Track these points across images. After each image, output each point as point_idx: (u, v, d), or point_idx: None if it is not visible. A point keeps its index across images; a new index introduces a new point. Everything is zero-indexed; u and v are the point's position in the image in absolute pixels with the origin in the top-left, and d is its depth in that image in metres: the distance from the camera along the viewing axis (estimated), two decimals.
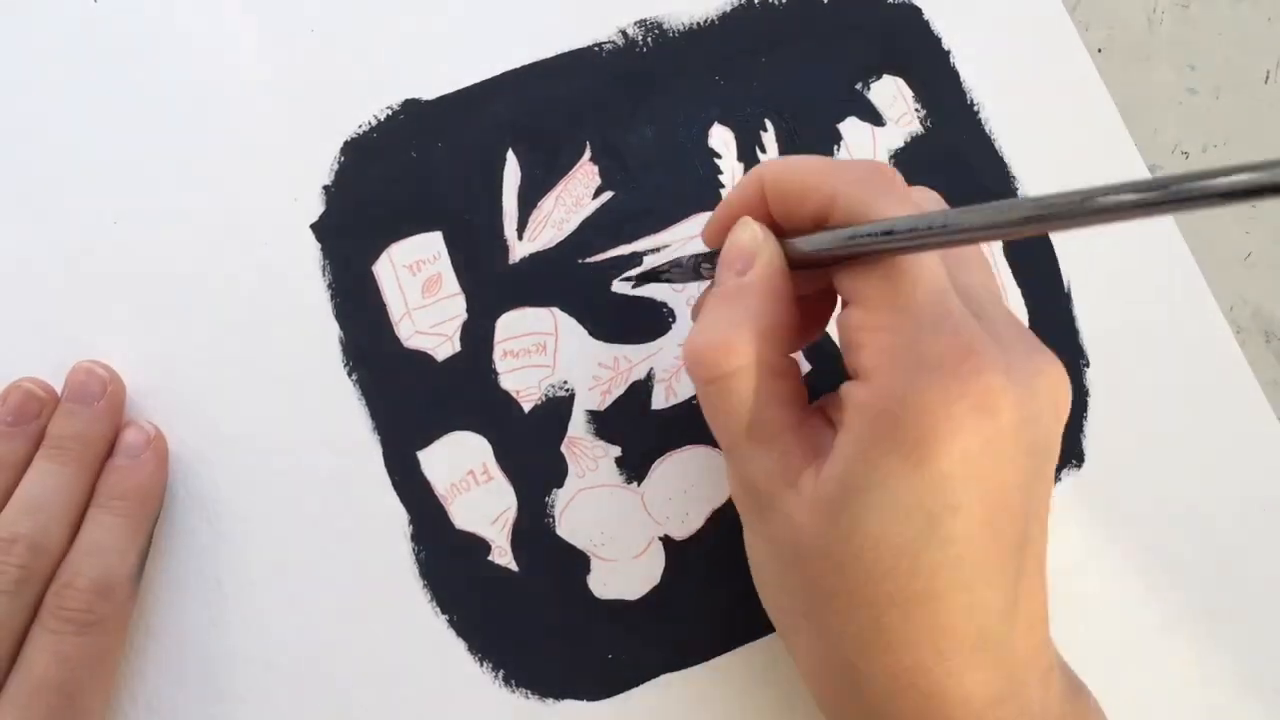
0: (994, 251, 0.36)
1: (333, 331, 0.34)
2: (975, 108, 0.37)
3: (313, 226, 0.35)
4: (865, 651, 0.25)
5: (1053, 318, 0.36)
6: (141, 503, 0.31)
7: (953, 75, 0.37)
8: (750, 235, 0.28)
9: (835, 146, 0.37)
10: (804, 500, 0.25)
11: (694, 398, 0.34)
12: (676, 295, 0.35)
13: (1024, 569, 0.25)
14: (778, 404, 0.26)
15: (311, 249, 0.35)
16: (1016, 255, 0.36)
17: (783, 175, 0.27)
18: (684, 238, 0.35)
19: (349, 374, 0.34)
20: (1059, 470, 0.35)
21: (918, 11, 0.38)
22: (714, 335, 0.26)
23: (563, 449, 0.34)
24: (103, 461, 0.32)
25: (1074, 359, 0.36)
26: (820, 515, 0.25)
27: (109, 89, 0.35)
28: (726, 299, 0.27)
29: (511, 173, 0.36)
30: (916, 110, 0.37)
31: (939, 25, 0.38)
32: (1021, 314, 0.36)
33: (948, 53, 0.38)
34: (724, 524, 0.34)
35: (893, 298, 0.25)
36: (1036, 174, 0.37)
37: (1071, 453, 0.35)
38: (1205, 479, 0.35)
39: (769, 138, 0.37)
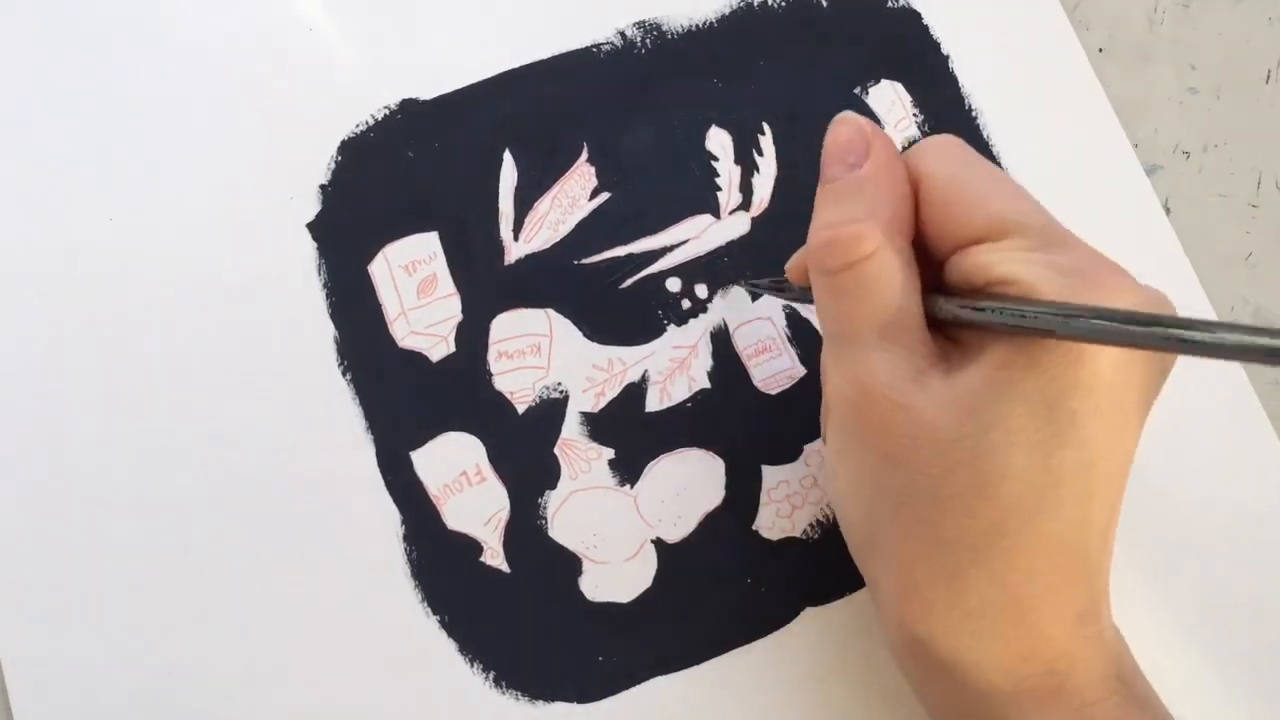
0: None
1: (328, 331, 0.34)
2: (973, 113, 0.37)
3: (309, 226, 0.35)
4: (978, 557, 0.24)
5: None
6: None
7: (951, 80, 0.37)
8: (855, 128, 0.27)
9: None
10: (935, 395, 0.24)
11: (689, 400, 0.34)
12: (672, 299, 0.35)
13: (1120, 493, 0.25)
14: (911, 297, 0.26)
15: (307, 248, 0.35)
16: None
17: (958, 180, 0.26)
18: (680, 239, 0.35)
19: (343, 373, 0.34)
20: None
21: (917, 16, 0.38)
22: (843, 223, 0.25)
23: (556, 451, 0.34)
24: None
25: None
26: (957, 408, 0.24)
27: (106, 86, 0.35)
28: (847, 191, 0.26)
29: (508, 173, 0.36)
30: (914, 115, 0.37)
31: (938, 29, 0.38)
32: None
33: (946, 57, 0.37)
34: (717, 527, 0.34)
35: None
36: (1032, 180, 0.37)
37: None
38: (1200, 486, 0.35)
39: (766, 141, 0.37)
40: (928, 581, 0.25)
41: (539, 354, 0.34)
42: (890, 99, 0.37)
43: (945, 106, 0.37)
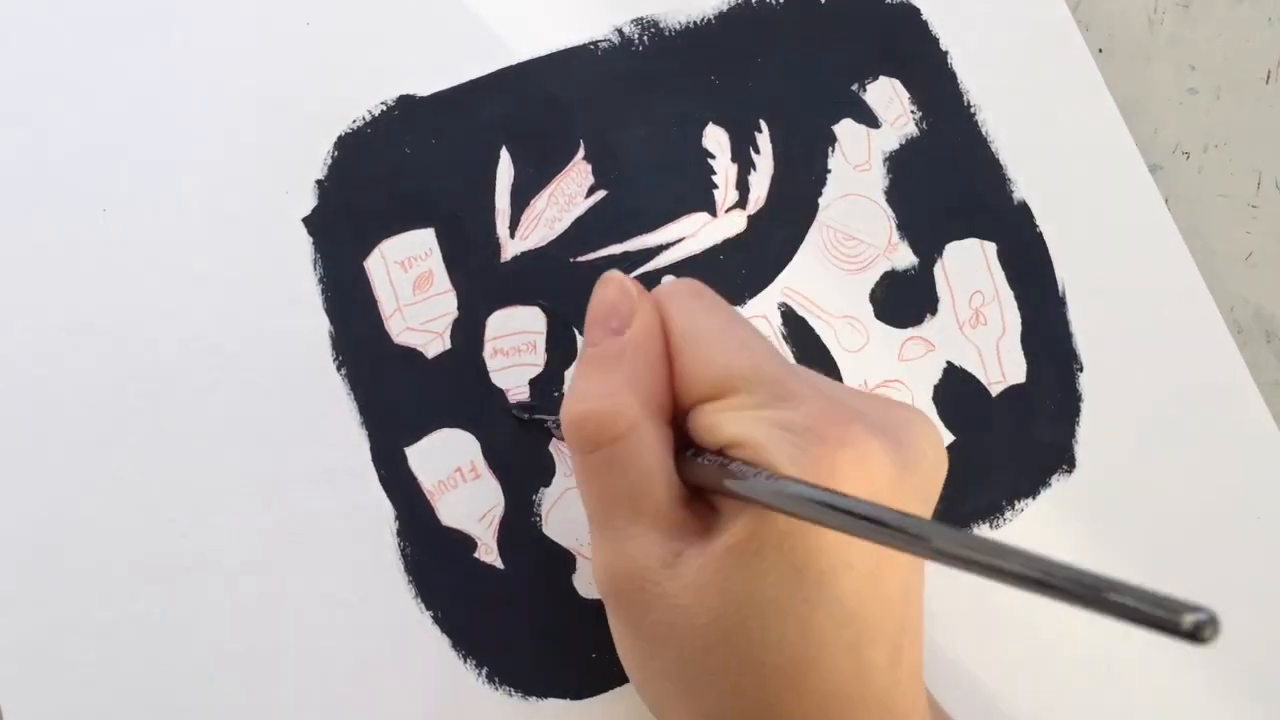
0: (989, 255, 0.36)
1: (323, 326, 0.34)
2: (972, 109, 0.37)
3: (305, 220, 0.35)
4: None
5: (1047, 323, 0.36)
6: None
7: (950, 76, 0.37)
8: (620, 289, 0.26)
9: (830, 148, 0.37)
10: (689, 577, 0.24)
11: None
12: None
13: (907, 622, 0.25)
14: (666, 474, 0.25)
15: (303, 243, 0.35)
16: (1010, 259, 0.36)
17: (688, 334, 0.26)
18: (676, 237, 0.35)
19: (338, 369, 0.34)
20: (1050, 475, 0.35)
21: (916, 11, 0.38)
22: (598, 398, 0.25)
23: (551, 448, 0.34)
24: None
25: (1067, 364, 0.36)
26: (709, 589, 0.24)
27: (101, 79, 0.35)
28: (605, 361, 0.26)
29: (505, 170, 0.36)
30: (913, 112, 0.37)
31: (937, 25, 0.38)
32: (1015, 318, 0.36)
33: (945, 53, 0.37)
34: None
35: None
36: (1034, 179, 0.37)
37: (1063, 458, 0.35)
38: (1200, 485, 0.35)
39: (763, 139, 0.36)
40: None
41: (534, 351, 0.34)
42: (888, 96, 0.37)
43: (944, 103, 0.37)
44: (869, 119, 0.37)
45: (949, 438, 0.35)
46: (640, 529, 0.25)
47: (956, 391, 0.35)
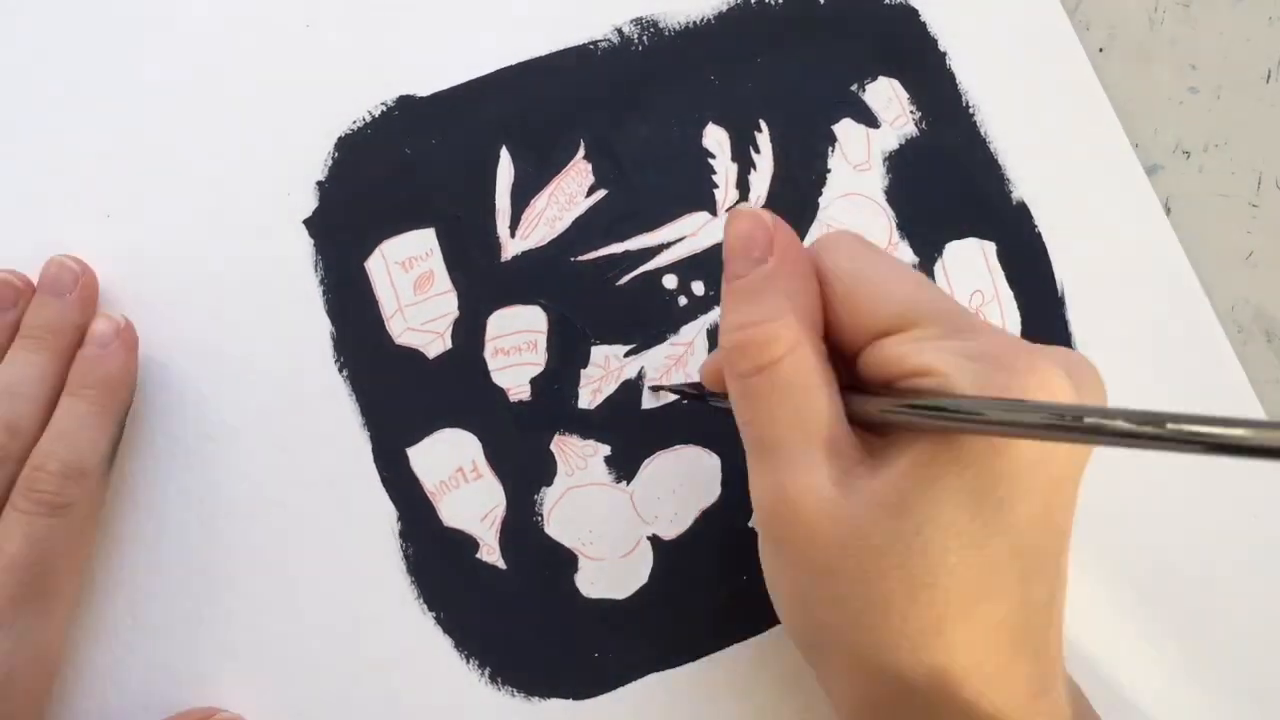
0: (988, 255, 0.36)
1: (324, 327, 0.34)
2: (971, 109, 0.37)
3: (306, 222, 0.35)
4: (920, 653, 0.24)
5: (1046, 321, 0.36)
6: (111, 391, 0.32)
7: (949, 76, 0.37)
8: (754, 220, 0.26)
9: (830, 148, 0.37)
10: (863, 497, 0.24)
11: (683, 399, 0.34)
12: (668, 296, 0.35)
13: (1061, 569, 0.25)
14: (828, 396, 0.25)
15: (304, 244, 0.35)
16: (1009, 259, 0.36)
17: (862, 274, 0.26)
18: (676, 236, 0.35)
19: (340, 370, 0.34)
20: None
21: (914, 12, 0.38)
22: (755, 324, 0.25)
23: (552, 447, 0.34)
24: (74, 349, 0.32)
25: None
26: (885, 510, 0.24)
27: (103, 82, 0.35)
28: (755, 288, 0.26)
29: (505, 170, 0.36)
30: (912, 112, 0.37)
31: (935, 26, 0.38)
32: (1014, 318, 0.36)
33: (944, 54, 0.37)
34: (713, 524, 0.34)
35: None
36: (1033, 178, 0.37)
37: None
38: (1197, 484, 0.35)
39: (763, 138, 0.37)
40: (873, 681, 0.25)
41: (535, 350, 0.34)
42: (887, 96, 0.37)
43: (942, 103, 0.37)
44: (869, 119, 0.37)
45: None
46: (809, 450, 0.24)
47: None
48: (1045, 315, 0.36)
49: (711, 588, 0.33)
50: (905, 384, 0.24)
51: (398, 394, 0.34)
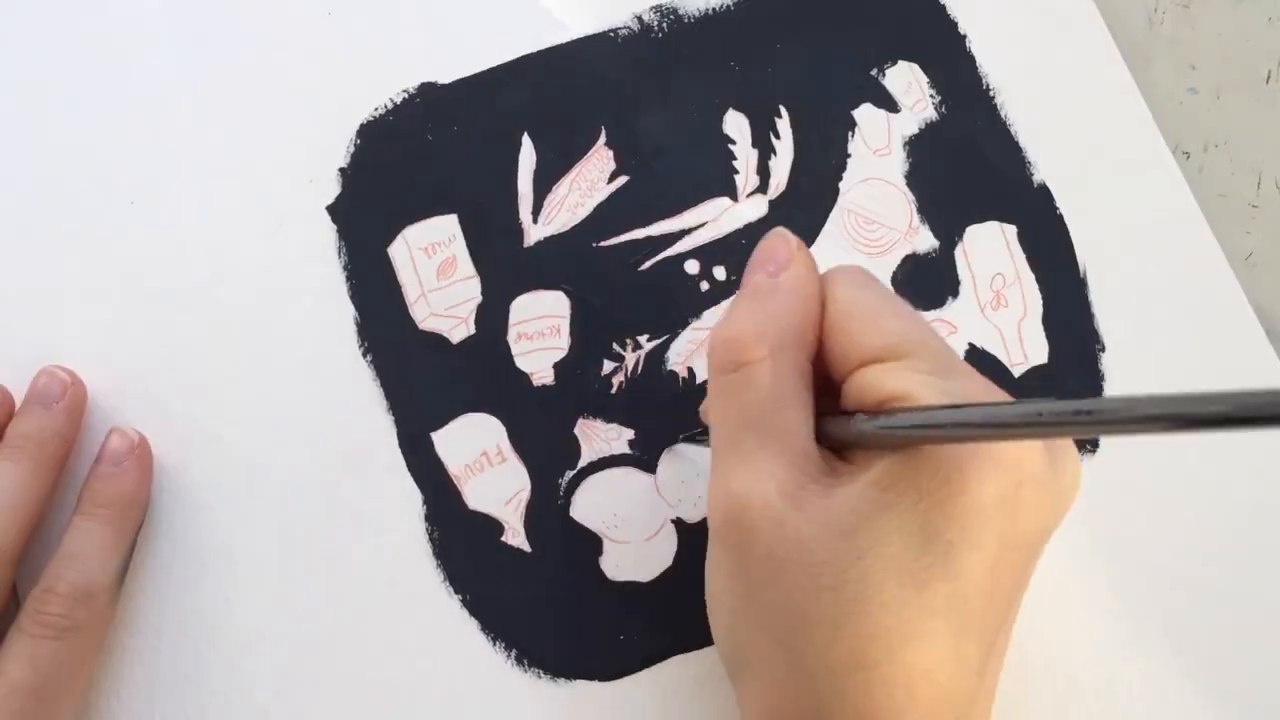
0: (1009, 238, 0.36)
1: (348, 313, 0.34)
2: (991, 93, 0.37)
3: (328, 208, 0.35)
4: (838, 687, 0.24)
5: (1068, 303, 0.36)
6: (124, 510, 0.31)
7: (969, 60, 0.37)
8: (781, 240, 0.27)
9: (850, 133, 0.37)
10: (810, 513, 0.24)
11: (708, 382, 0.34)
12: (691, 281, 0.35)
13: (1000, 634, 0.25)
14: (799, 408, 0.25)
15: (327, 231, 0.35)
16: (1031, 241, 0.36)
17: (858, 305, 0.27)
18: (698, 222, 0.36)
19: (364, 355, 0.34)
20: None
21: (942, 8, 0.38)
22: (742, 324, 0.26)
23: (576, 431, 0.34)
24: (61, 461, 0.32)
25: (1089, 345, 0.36)
26: (831, 529, 0.23)
27: (126, 71, 0.36)
28: (757, 296, 0.27)
29: (527, 157, 0.36)
30: (932, 96, 0.37)
31: (955, 8, 0.38)
32: (1035, 300, 0.36)
33: (964, 37, 0.37)
34: None
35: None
36: (1053, 161, 0.37)
37: (1086, 439, 0.35)
38: (1224, 464, 0.35)
39: (783, 124, 0.37)
40: (788, 709, 0.25)
41: (558, 335, 0.35)
42: (907, 80, 0.37)
43: (963, 87, 0.37)
44: (888, 103, 0.37)
45: None
46: (768, 454, 0.25)
47: (980, 373, 0.35)
48: (1067, 296, 0.36)
49: None
50: (880, 407, 0.24)
51: (422, 379, 0.34)
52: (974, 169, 0.37)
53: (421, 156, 0.36)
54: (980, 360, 0.35)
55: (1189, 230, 0.36)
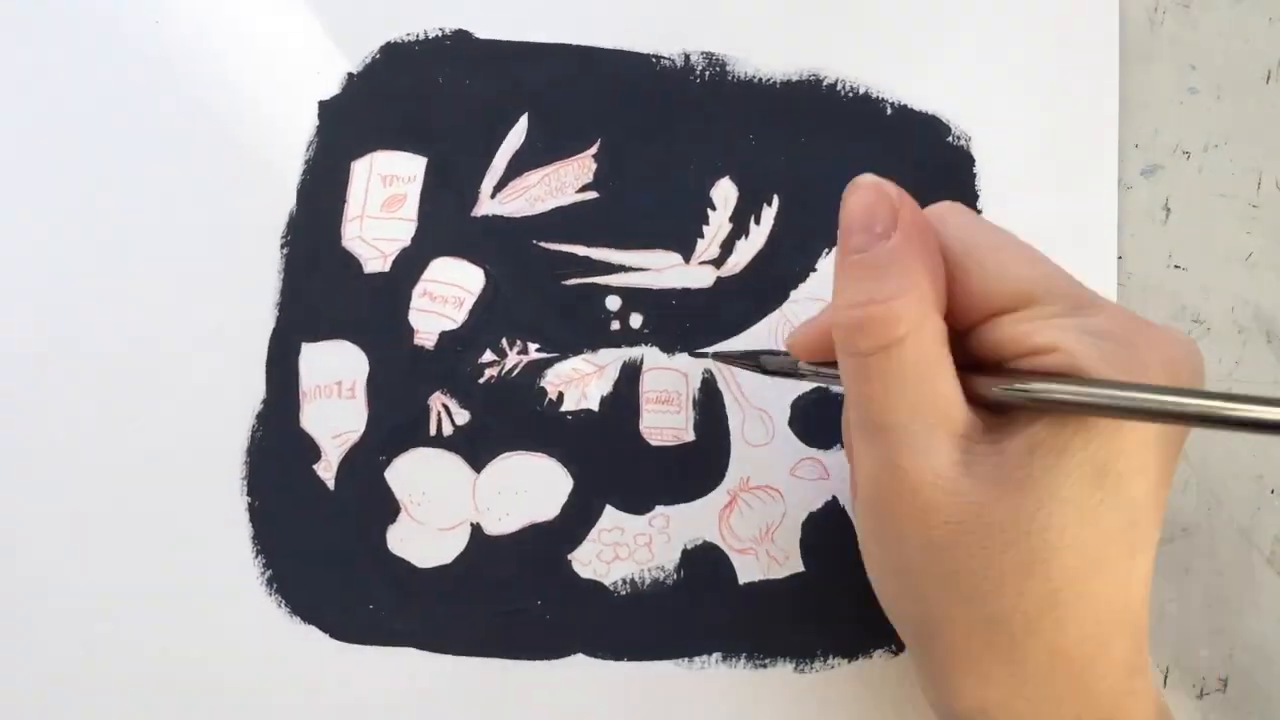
0: None
1: (286, 205, 0.35)
2: None
3: (320, 102, 0.36)
4: (1031, 627, 0.24)
5: None
6: None
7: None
8: (877, 193, 0.25)
9: (827, 250, 0.36)
10: (981, 477, 0.24)
11: (570, 414, 0.34)
12: (605, 315, 0.35)
13: (1156, 541, 0.25)
14: (947, 373, 0.24)
15: (309, 122, 0.36)
16: None
17: (976, 249, 0.25)
18: (641, 265, 0.35)
19: (280, 247, 0.35)
20: None
21: (970, 161, 0.36)
22: (876, 300, 0.24)
23: (430, 401, 0.34)
24: None
25: None
26: (1007, 487, 0.23)
27: None
28: (876, 265, 0.24)
29: (516, 134, 0.36)
30: None
31: (983, 176, 0.36)
32: None
33: (979, 211, 0.36)
34: (535, 539, 0.33)
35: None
36: None
37: None
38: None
39: (769, 213, 0.36)
40: (982, 655, 0.25)
41: (459, 308, 0.35)
42: None
43: None
44: None
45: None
46: (926, 428, 0.24)
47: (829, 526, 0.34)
48: None
49: (503, 597, 0.33)
50: (1028, 362, 0.24)
51: (320, 291, 0.35)
52: None
53: (425, 94, 0.36)
54: (833, 517, 0.34)
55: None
